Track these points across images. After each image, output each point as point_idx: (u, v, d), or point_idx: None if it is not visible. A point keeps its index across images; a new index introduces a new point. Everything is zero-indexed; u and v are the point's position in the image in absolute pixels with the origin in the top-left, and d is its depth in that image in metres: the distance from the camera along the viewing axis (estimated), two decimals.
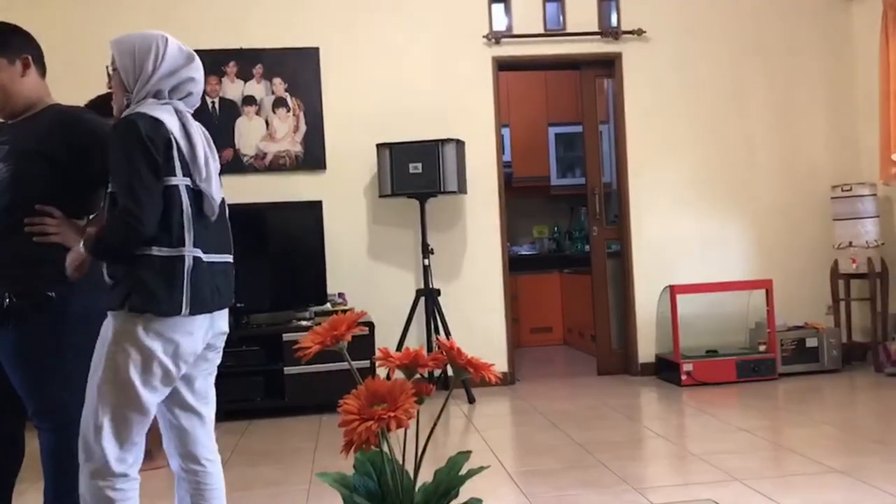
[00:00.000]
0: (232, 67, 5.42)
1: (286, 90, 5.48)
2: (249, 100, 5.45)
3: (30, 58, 2.51)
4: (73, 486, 2.32)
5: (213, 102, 5.41)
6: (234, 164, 5.41)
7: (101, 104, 2.60)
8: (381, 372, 4.02)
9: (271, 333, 5.01)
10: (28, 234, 2.39)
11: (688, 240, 5.78)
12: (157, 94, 2.13)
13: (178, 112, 2.13)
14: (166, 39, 2.16)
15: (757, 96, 5.87)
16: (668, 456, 3.78)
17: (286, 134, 5.48)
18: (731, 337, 5.72)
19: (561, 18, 5.68)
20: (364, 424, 1.14)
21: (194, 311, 2.06)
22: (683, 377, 5.28)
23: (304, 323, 5.12)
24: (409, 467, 1.31)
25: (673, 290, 5.47)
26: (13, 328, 2.40)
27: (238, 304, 5.09)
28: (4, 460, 2.60)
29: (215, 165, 2.20)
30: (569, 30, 5.67)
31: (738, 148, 5.84)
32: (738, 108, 5.85)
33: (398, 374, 1.29)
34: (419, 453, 1.24)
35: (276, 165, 5.46)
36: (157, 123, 2.05)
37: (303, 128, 5.49)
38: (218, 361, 2.31)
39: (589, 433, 4.18)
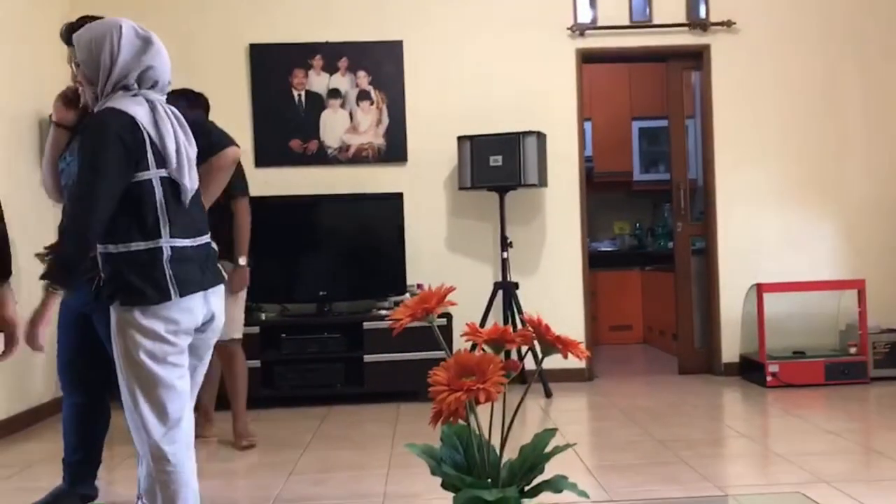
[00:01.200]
0: (318, 60, 5.53)
1: (370, 83, 5.56)
2: (334, 93, 5.55)
3: None
4: None
5: (299, 95, 5.53)
6: (318, 156, 5.53)
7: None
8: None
9: (352, 322, 5.10)
10: None
11: (776, 237, 5.61)
12: (125, 87, 2.10)
13: (149, 102, 2.11)
14: (120, 27, 2.11)
15: (851, 90, 5.65)
16: (752, 455, 3.69)
17: (369, 126, 5.56)
18: (820, 338, 5.52)
19: (647, 10, 5.59)
20: (453, 395, 1.16)
21: (185, 291, 2.08)
22: (769, 378, 5.14)
23: (383, 312, 5.19)
24: (494, 444, 1.32)
25: (760, 289, 5.32)
26: (106, 307, 2.54)
27: (321, 293, 5.22)
28: (94, 421, 2.92)
29: (191, 152, 2.18)
30: (655, 21, 5.58)
31: (830, 143, 5.64)
32: (830, 102, 5.64)
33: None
34: (506, 427, 1.25)
35: (359, 157, 5.55)
36: (129, 118, 2.04)
37: (385, 120, 5.56)
38: (209, 354, 2.30)
39: (669, 430, 4.11)
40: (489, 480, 1.24)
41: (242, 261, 3.96)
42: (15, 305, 2.13)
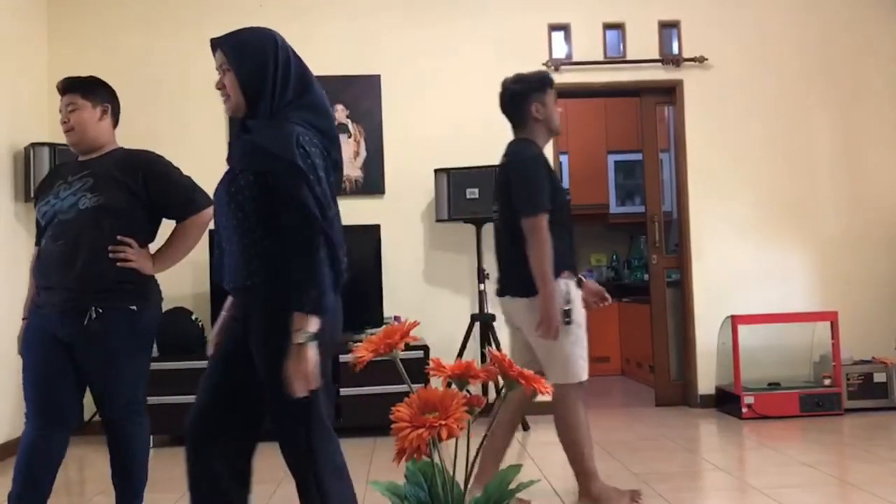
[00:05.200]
0: None
1: (347, 116, 5.59)
2: None
3: (109, 108, 2.93)
4: (139, 473, 2.82)
5: None
6: None
7: None
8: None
9: None
10: (112, 259, 2.76)
11: (750, 269, 5.66)
12: None
13: None
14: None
15: (822, 123, 5.75)
16: (728, 489, 3.68)
17: (347, 159, 5.58)
18: (795, 370, 5.56)
19: (621, 46, 5.68)
20: (415, 432, 1.15)
21: None
22: (744, 410, 5.15)
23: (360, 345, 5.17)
24: (460, 480, 1.31)
25: (734, 321, 5.35)
26: (99, 337, 2.73)
27: None
28: (49, 452, 2.83)
29: None
30: (629, 57, 5.66)
31: (803, 176, 5.72)
32: (802, 135, 5.74)
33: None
34: (470, 464, 1.25)
35: None
36: None
37: (363, 153, 5.58)
38: None
39: (645, 464, 4.10)
40: None
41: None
42: None
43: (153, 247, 2.95)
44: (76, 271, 2.73)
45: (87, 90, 2.90)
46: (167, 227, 2.97)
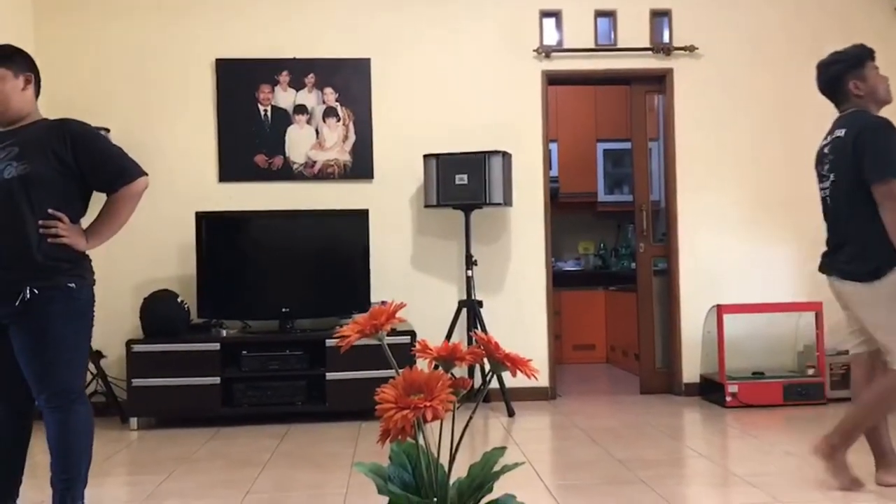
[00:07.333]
0: (285, 76, 5.52)
1: (337, 100, 5.55)
2: (301, 108, 5.54)
3: (32, 77, 2.80)
4: (78, 461, 2.67)
5: (265, 110, 5.51)
6: (283, 172, 5.50)
7: None
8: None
9: (315, 339, 5.06)
10: (44, 234, 2.63)
11: (736, 259, 5.68)
12: None
13: None
14: None
15: (812, 114, 5.73)
16: (711, 476, 3.71)
17: (335, 143, 5.55)
18: (779, 359, 5.60)
19: (612, 34, 5.67)
20: (400, 413, 1.15)
21: None
22: (728, 398, 5.19)
23: None
24: (444, 463, 1.31)
25: (720, 310, 5.38)
26: (39, 318, 2.62)
27: (283, 309, 5.17)
28: (15, 435, 2.80)
29: None
30: (620, 45, 5.65)
31: (791, 167, 5.73)
32: (791, 126, 5.75)
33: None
34: (454, 446, 1.25)
35: (325, 174, 5.53)
36: None
37: (352, 137, 5.56)
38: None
39: (629, 450, 4.13)
40: (435, 500, 1.24)
41: None
42: None
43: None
44: (5, 248, 2.61)
45: (7, 59, 2.74)
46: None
